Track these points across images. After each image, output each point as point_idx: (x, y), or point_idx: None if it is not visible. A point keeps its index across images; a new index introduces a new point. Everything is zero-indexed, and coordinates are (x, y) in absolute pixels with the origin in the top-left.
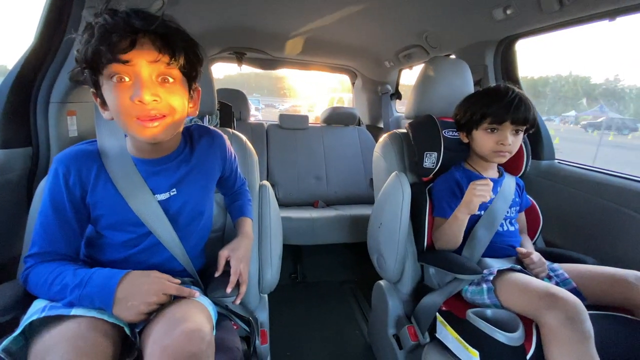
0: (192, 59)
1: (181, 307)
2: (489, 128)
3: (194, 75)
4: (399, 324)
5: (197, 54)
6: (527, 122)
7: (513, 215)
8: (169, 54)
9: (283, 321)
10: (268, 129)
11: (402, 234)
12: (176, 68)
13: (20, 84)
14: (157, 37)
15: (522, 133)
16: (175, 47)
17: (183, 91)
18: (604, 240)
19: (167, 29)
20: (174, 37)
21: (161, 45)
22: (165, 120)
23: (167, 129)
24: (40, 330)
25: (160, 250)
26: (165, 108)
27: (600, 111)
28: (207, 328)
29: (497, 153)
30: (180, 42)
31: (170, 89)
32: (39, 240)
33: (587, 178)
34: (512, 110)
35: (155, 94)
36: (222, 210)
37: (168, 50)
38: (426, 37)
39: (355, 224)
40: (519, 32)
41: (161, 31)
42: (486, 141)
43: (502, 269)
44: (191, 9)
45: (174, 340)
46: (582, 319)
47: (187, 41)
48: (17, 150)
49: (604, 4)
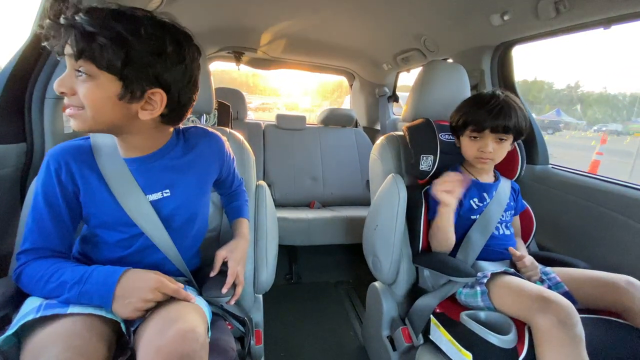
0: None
1: (175, 307)
2: (471, 135)
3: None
4: (393, 326)
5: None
6: (507, 130)
7: (508, 219)
8: (75, 47)
9: (277, 322)
10: (265, 129)
11: (397, 236)
12: (90, 63)
13: (15, 80)
14: (79, 31)
15: (507, 141)
16: (82, 41)
17: (104, 89)
18: (596, 245)
19: (89, 22)
20: (90, 32)
21: (72, 38)
22: (82, 113)
23: (85, 122)
24: (34, 328)
25: (154, 251)
26: (77, 101)
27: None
28: (201, 328)
29: (478, 159)
30: (101, 38)
31: (83, 83)
32: (32, 235)
33: (580, 183)
34: (491, 119)
35: (64, 85)
36: (218, 209)
37: (75, 43)
38: (424, 40)
39: (351, 225)
40: (516, 37)
41: (80, 24)
42: (469, 147)
43: (495, 272)
44: (189, 7)
45: (167, 341)
46: (573, 322)
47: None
48: (11, 146)
49: (600, 12)
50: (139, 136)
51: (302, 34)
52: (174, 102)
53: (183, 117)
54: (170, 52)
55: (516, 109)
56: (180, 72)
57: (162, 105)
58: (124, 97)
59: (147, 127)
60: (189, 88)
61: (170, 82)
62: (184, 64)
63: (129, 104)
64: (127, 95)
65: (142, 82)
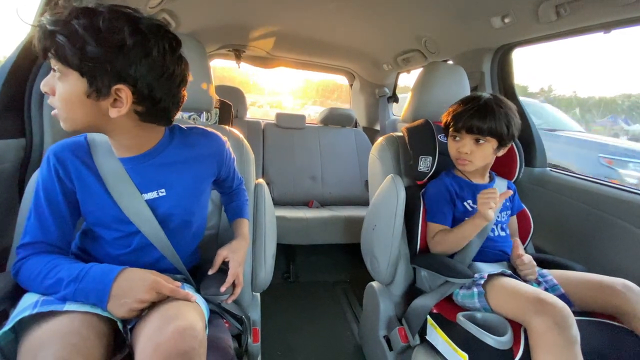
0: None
1: (174, 305)
2: (452, 135)
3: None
4: (389, 326)
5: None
6: (482, 132)
7: (504, 220)
8: (39, 45)
9: (275, 320)
10: (265, 128)
11: (395, 236)
12: (58, 61)
13: (15, 75)
14: (42, 30)
15: (486, 144)
16: (47, 38)
17: (71, 87)
18: (593, 248)
19: (58, 20)
20: (55, 29)
21: (40, 38)
22: (58, 112)
23: (66, 122)
24: (32, 325)
25: (151, 250)
26: (56, 101)
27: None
28: (199, 326)
29: (457, 161)
30: (64, 34)
31: (58, 84)
32: (32, 229)
33: (578, 186)
34: (467, 119)
35: (48, 84)
36: (217, 208)
37: (42, 40)
38: (425, 42)
39: (349, 225)
40: (516, 40)
41: (50, 22)
42: (451, 148)
43: (492, 274)
44: (190, 4)
45: (166, 338)
46: (569, 325)
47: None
48: (11, 141)
49: (600, 16)
50: (123, 136)
51: (303, 33)
52: (144, 98)
53: (167, 114)
54: (131, 45)
55: (496, 112)
56: (146, 67)
57: (128, 102)
58: (90, 94)
59: (127, 126)
60: (163, 83)
61: (136, 77)
62: (150, 58)
63: (96, 102)
64: (93, 92)
65: (104, 78)
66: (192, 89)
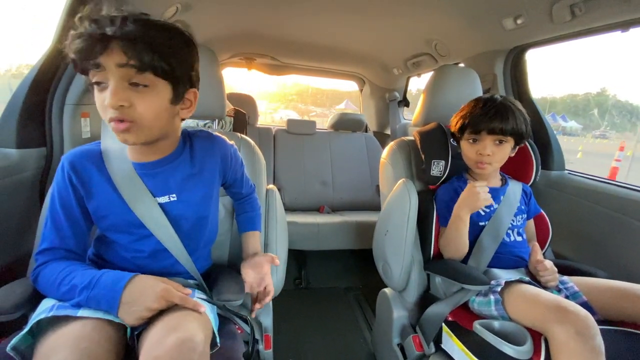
0: (175, 64)
1: (176, 315)
2: (470, 138)
3: (185, 79)
4: (403, 333)
5: (184, 58)
6: (505, 132)
7: (520, 224)
8: (136, 59)
9: (286, 327)
10: (276, 134)
11: (408, 242)
12: (150, 73)
13: (37, 86)
14: (128, 42)
15: (506, 144)
16: (143, 52)
17: (161, 96)
18: (616, 253)
19: (139, 33)
20: (146, 42)
21: (130, 50)
22: (135, 125)
23: (139, 134)
24: (47, 330)
25: (165, 256)
26: (134, 114)
27: None
28: (199, 337)
29: (477, 164)
30: (156, 47)
31: (142, 95)
32: (49, 235)
33: (598, 189)
34: (488, 120)
35: (123, 98)
36: (229, 213)
37: (136, 55)
38: (435, 45)
39: (361, 230)
40: (530, 41)
41: (132, 35)
42: (468, 151)
43: (510, 280)
44: (203, 15)
45: (164, 351)
46: (592, 334)
47: (167, 45)
48: (32, 150)
49: (617, 15)
50: (168, 138)
51: (313, 40)
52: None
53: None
54: (193, 52)
55: (514, 111)
56: (198, 70)
57: (195, 102)
58: (174, 100)
59: (176, 127)
60: (199, 83)
61: (196, 80)
62: (197, 62)
63: (174, 107)
64: (176, 99)
65: (185, 83)
66: (207, 97)
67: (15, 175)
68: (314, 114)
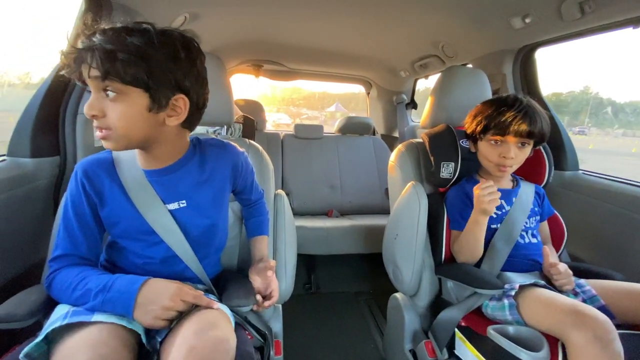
0: (149, 70)
1: (212, 314)
2: (493, 140)
3: (167, 85)
4: (415, 339)
5: (162, 64)
6: (531, 135)
7: (534, 226)
8: (97, 69)
9: (297, 332)
10: (283, 139)
11: (418, 245)
12: (116, 81)
13: (50, 97)
14: (92, 52)
15: (529, 146)
16: (105, 61)
17: (134, 104)
18: (633, 255)
19: (104, 43)
20: (108, 50)
21: (94, 60)
22: (112, 133)
23: (118, 140)
24: (62, 336)
25: (176, 262)
26: (109, 122)
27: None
28: (233, 342)
29: (499, 167)
30: (121, 55)
31: (114, 104)
32: (62, 242)
33: (614, 189)
34: (515, 123)
35: (96, 108)
36: (238, 218)
37: (98, 64)
38: (442, 46)
39: (370, 234)
40: (539, 40)
41: (98, 46)
42: (490, 153)
43: (524, 284)
44: (211, 23)
45: (203, 344)
46: (611, 339)
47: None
48: (46, 159)
49: (627, 11)
50: (164, 145)
51: (320, 45)
52: (193, 105)
53: (200, 119)
54: (183, 57)
55: (540, 113)
56: (194, 75)
57: (186, 110)
58: (152, 108)
59: (172, 134)
60: (203, 89)
61: (189, 86)
62: (196, 67)
63: (156, 115)
64: (155, 106)
65: (166, 90)
66: (215, 104)
67: (30, 183)
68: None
